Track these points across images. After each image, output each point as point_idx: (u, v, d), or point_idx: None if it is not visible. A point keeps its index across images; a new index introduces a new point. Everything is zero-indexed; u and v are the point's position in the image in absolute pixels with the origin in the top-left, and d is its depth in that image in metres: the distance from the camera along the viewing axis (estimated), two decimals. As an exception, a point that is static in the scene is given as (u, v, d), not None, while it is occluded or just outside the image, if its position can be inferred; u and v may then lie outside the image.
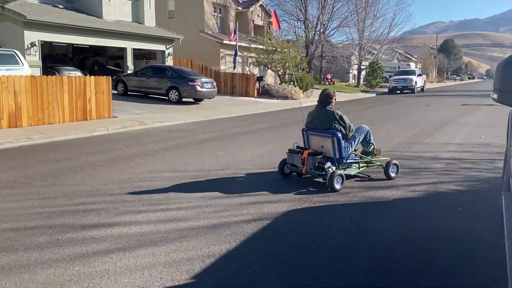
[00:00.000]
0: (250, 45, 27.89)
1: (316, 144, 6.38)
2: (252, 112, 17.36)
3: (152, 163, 7.34)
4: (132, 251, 3.78)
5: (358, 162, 6.45)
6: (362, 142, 6.57)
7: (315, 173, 6.05)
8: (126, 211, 4.82)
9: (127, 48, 20.71)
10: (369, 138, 6.61)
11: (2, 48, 13.80)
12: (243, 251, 3.82)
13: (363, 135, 6.53)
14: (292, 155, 6.32)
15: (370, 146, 6.69)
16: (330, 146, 6.10)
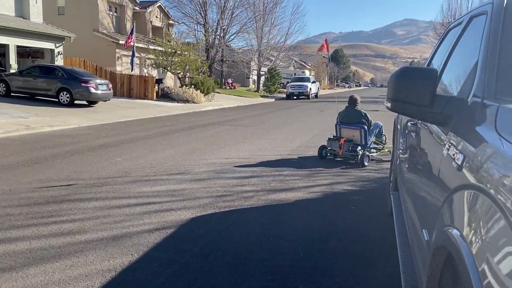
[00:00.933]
0: (148, 46, 27.12)
1: (347, 134, 8.55)
2: (152, 116, 16.87)
3: (42, 172, 6.72)
4: (20, 270, 3.39)
5: (376, 148, 8.77)
6: (376, 134, 8.79)
7: (349, 153, 8.25)
8: (11, 226, 4.33)
9: (9, 44, 18.80)
10: (381, 131, 8.90)
11: None
12: (146, 262, 3.65)
13: (378, 129, 8.79)
14: (331, 141, 8.61)
15: (383, 137, 8.97)
16: (358, 135, 8.34)
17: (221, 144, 10.33)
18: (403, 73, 2.15)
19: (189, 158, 8.38)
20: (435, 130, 2.14)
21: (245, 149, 9.62)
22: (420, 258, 2.11)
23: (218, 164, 7.89)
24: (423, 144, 2.56)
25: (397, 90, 2.13)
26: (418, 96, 2.06)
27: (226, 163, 8.02)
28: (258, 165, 7.85)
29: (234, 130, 13.04)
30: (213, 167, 7.60)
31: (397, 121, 4.66)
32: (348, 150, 8.31)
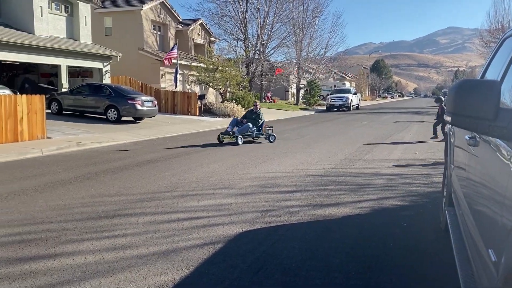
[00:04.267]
0: (190, 63, 27.78)
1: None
2: (195, 131, 17.18)
3: (93, 187, 6.97)
4: (77, 284, 3.51)
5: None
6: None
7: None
8: (68, 240, 4.50)
9: (62, 65, 19.80)
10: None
11: None
12: (197, 278, 3.68)
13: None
14: None
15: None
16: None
17: (263, 158, 10.35)
18: (463, 86, 2.07)
19: (233, 172, 8.45)
20: (501, 144, 2.04)
21: (287, 163, 9.58)
22: (485, 277, 2.00)
23: (262, 178, 7.90)
24: (485, 159, 2.44)
25: (457, 103, 2.06)
26: (480, 110, 1.99)
27: (269, 177, 8.01)
28: (302, 179, 7.79)
29: (276, 144, 13.05)
30: (257, 181, 7.61)
31: (450, 134, 4.49)
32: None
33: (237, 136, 12.65)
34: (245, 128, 13.09)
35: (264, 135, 13.59)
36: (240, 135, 12.76)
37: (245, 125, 13.17)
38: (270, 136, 13.52)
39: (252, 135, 13.32)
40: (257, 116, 13.70)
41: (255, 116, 13.72)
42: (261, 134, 13.59)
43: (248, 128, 13.13)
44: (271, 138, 13.48)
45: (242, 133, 12.90)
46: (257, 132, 13.45)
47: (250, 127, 13.16)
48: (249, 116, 13.82)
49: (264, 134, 13.60)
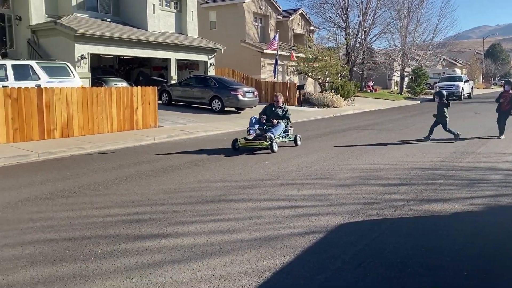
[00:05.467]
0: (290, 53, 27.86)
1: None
2: (294, 121, 17.24)
3: (201, 173, 7.38)
4: (187, 263, 3.76)
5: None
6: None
7: None
8: (178, 222, 4.84)
9: (171, 59, 21.17)
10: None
11: (55, 61, 14.42)
12: (298, 266, 3.72)
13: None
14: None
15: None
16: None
17: (364, 149, 10.04)
18: None
19: (333, 163, 8.33)
20: None
21: (390, 155, 9.18)
22: None
23: (363, 170, 7.68)
24: None
25: None
26: None
27: (371, 169, 7.76)
28: (407, 173, 7.42)
29: (377, 135, 12.57)
30: (358, 173, 7.42)
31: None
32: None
33: (272, 140, 9.35)
34: (279, 129, 9.80)
35: (290, 137, 10.35)
36: (275, 138, 9.52)
37: (279, 125, 9.84)
38: (297, 137, 10.48)
39: (281, 136, 10.05)
40: (284, 112, 10.31)
41: (282, 113, 10.30)
42: (287, 136, 10.29)
43: (282, 129, 9.93)
44: (298, 140, 10.45)
45: (277, 134, 9.71)
46: (284, 133, 10.13)
47: (283, 128, 9.98)
48: (271, 112, 10.32)
49: (290, 136, 10.36)
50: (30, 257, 3.84)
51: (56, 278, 3.45)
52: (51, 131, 10.40)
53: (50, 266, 3.67)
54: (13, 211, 5.16)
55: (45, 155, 8.77)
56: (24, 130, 9.88)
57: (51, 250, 4.00)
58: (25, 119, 9.86)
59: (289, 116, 10.25)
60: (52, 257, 3.85)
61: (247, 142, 9.39)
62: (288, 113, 10.27)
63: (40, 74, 12.59)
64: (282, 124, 9.90)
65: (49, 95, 10.34)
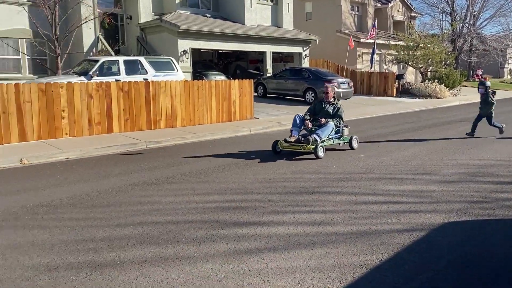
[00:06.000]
0: (389, 42, 26.64)
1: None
2: (392, 112, 16.50)
3: (294, 164, 7.40)
4: (282, 252, 3.80)
5: None
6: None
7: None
8: (273, 211, 4.91)
9: (267, 51, 21.47)
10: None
11: (161, 56, 15.43)
12: (397, 264, 3.56)
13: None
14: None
15: None
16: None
17: (471, 143, 9.26)
18: None
19: (436, 157, 7.82)
20: None
21: (502, 150, 8.36)
22: None
23: (470, 166, 7.09)
24: None
25: None
26: None
27: (479, 165, 7.14)
28: (523, 170, 6.69)
29: (487, 128, 11.50)
30: (465, 169, 6.87)
31: None
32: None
33: (318, 144, 7.81)
34: (327, 130, 8.15)
35: (343, 139, 8.64)
36: (321, 141, 7.98)
37: (327, 125, 8.19)
38: (353, 139, 8.73)
39: (331, 137, 8.38)
40: (335, 110, 8.55)
41: (333, 110, 8.54)
42: (340, 138, 8.57)
43: (331, 129, 8.26)
44: (353, 142, 8.71)
45: (325, 136, 8.09)
46: (335, 133, 8.43)
47: (333, 128, 8.30)
48: (320, 109, 8.65)
49: (343, 137, 8.62)
50: (139, 237, 4.17)
51: (161, 258, 3.71)
52: (157, 122, 11.17)
53: (156, 246, 3.96)
54: (124, 194, 5.65)
55: (152, 143, 9.45)
56: (134, 121, 10.74)
57: (157, 232, 4.31)
58: (134, 110, 10.71)
59: (341, 114, 8.50)
60: (158, 239, 4.14)
61: (288, 145, 8.04)
62: (340, 110, 8.53)
63: (147, 69, 13.58)
64: (332, 124, 8.23)
65: (156, 88, 11.10)
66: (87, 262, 3.63)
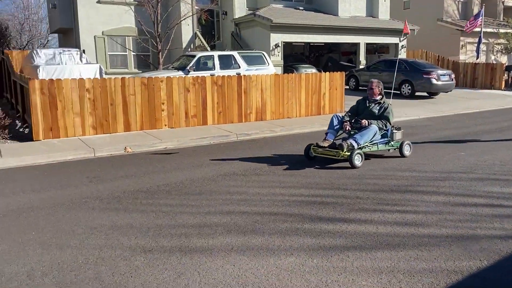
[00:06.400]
0: (498, 30, 24.28)
1: None
2: (498, 107, 15.06)
3: (385, 160, 7.09)
4: (369, 251, 3.68)
5: None
6: None
7: None
8: (361, 209, 4.76)
9: (360, 43, 20.82)
10: None
11: (253, 51, 15.73)
12: (499, 272, 3.25)
13: None
14: None
15: None
16: None
17: None
18: None
19: (551, 158, 6.98)
20: None
21: None
22: None
23: None
24: None
25: None
26: None
27: None
28: None
29: None
30: None
31: None
32: None
33: (354, 151, 6.62)
34: (368, 134, 6.87)
35: (392, 145, 7.33)
36: (359, 147, 6.75)
37: (369, 129, 6.88)
38: (404, 145, 7.32)
39: (376, 143, 7.10)
40: (382, 110, 7.22)
41: (379, 110, 7.22)
42: (388, 143, 7.29)
43: (373, 133, 6.94)
44: (405, 149, 7.31)
45: (364, 141, 6.83)
46: (380, 138, 7.16)
47: (376, 131, 6.97)
48: (364, 109, 7.36)
49: (392, 142, 7.33)
50: (226, 226, 4.31)
51: (247, 248, 3.79)
52: (247, 115, 11.43)
53: (242, 236, 4.06)
54: (215, 184, 5.87)
55: (242, 136, 9.70)
56: (226, 114, 11.10)
57: (243, 222, 4.42)
58: (227, 103, 11.07)
59: (388, 116, 7.12)
60: (244, 228, 4.24)
61: (322, 150, 6.98)
62: (388, 111, 7.15)
63: (240, 63, 13.94)
64: (374, 127, 6.89)
65: (247, 82, 11.34)
66: (178, 246, 3.84)
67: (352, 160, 6.54)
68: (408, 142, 7.45)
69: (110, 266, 3.48)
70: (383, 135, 7.16)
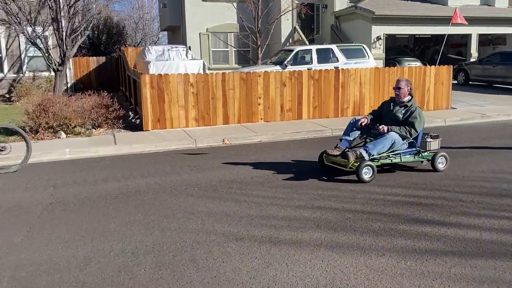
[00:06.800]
0: None
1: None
2: None
3: (495, 162, 6.48)
4: (469, 258, 3.41)
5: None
6: None
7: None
8: (463, 212, 4.43)
9: (472, 34, 19.21)
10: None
11: (353, 44, 15.35)
12: None
13: None
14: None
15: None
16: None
17: None
18: None
19: None
20: None
21: None
22: None
23: None
24: None
25: None
26: None
27: None
28: None
29: None
30: None
31: None
32: None
33: (363, 162, 5.60)
34: (382, 143, 5.75)
35: (422, 156, 6.06)
36: (370, 159, 5.71)
37: (386, 136, 5.76)
38: (437, 157, 6.02)
39: (399, 153, 5.93)
40: (407, 114, 5.99)
41: (404, 114, 6.01)
42: (417, 154, 6.04)
43: (390, 142, 5.77)
44: (438, 162, 6.02)
45: (377, 152, 5.76)
46: (406, 148, 5.98)
47: (394, 140, 5.77)
48: (387, 112, 6.19)
49: (421, 153, 6.05)
50: (316, 221, 4.31)
51: (336, 244, 3.75)
52: (344, 110, 11.21)
53: (332, 232, 4.02)
54: (306, 178, 5.88)
55: (338, 131, 9.53)
56: (322, 108, 11.01)
57: (334, 218, 4.37)
58: (323, 98, 10.96)
59: (414, 122, 5.85)
60: (335, 225, 4.20)
61: (333, 159, 6.07)
62: (414, 115, 5.89)
63: (338, 57, 13.70)
64: (393, 135, 5.73)
65: (345, 75, 11.11)
66: (267, 237, 3.93)
67: (358, 173, 5.53)
68: (444, 154, 6.09)
69: (205, 250, 3.68)
70: (410, 144, 5.97)
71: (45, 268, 3.43)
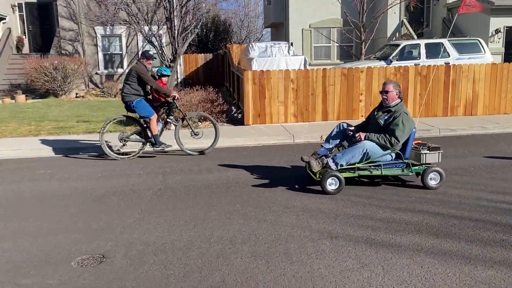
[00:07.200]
0: None
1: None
2: None
3: None
4: None
5: None
6: None
7: None
8: None
9: None
10: None
11: (467, 38, 14.17)
12: None
13: None
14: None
15: None
16: None
17: None
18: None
19: None
20: None
21: None
22: None
23: None
24: None
25: None
26: None
27: None
28: None
29: None
30: None
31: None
32: None
33: (329, 172, 5.07)
34: (352, 153, 5.11)
35: (411, 170, 5.20)
36: (338, 169, 5.11)
37: (355, 146, 5.12)
38: (428, 172, 5.17)
39: (379, 165, 5.16)
40: (390, 119, 5.23)
41: (386, 120, 5.27)
42: (407, 167, 5.19)
43: (360, 153, 5.08)
44: (428, 178, 5.16)
45: (346, 162, 5.11)
46: (392, 160, 5.19)
47: (365, 150, 5.06)
48: (372, 118, 5.51)
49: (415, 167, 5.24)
50: (417, 225, 4.10)
51: (438, 251, 3.54)
52: (454, 108, 10.43)
53: (434, 238, 3.80)
54: (407, 179, 5.61)
55: (446, 131, 8.93)
56: (429, 106, 10.36)
57: (437, 223, 4.12)
58: (431, 95, 10.31)
59: (395, 129, 5.09)
60: (437, 231, 3.96)
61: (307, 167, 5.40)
62: (396, 122, 5.13)
63: (450, 52, 12.75)
64: (365, 144, 5.08)
65: (457, 72, 10.32)
66: (364, 237, 3.85)
67: (322, 184, 5.05)
68: (437, 169, 5.19)
69: (299, 245, 3.73)
70: (397, 155, 5.19)
71: (153, 249, 3.75)
